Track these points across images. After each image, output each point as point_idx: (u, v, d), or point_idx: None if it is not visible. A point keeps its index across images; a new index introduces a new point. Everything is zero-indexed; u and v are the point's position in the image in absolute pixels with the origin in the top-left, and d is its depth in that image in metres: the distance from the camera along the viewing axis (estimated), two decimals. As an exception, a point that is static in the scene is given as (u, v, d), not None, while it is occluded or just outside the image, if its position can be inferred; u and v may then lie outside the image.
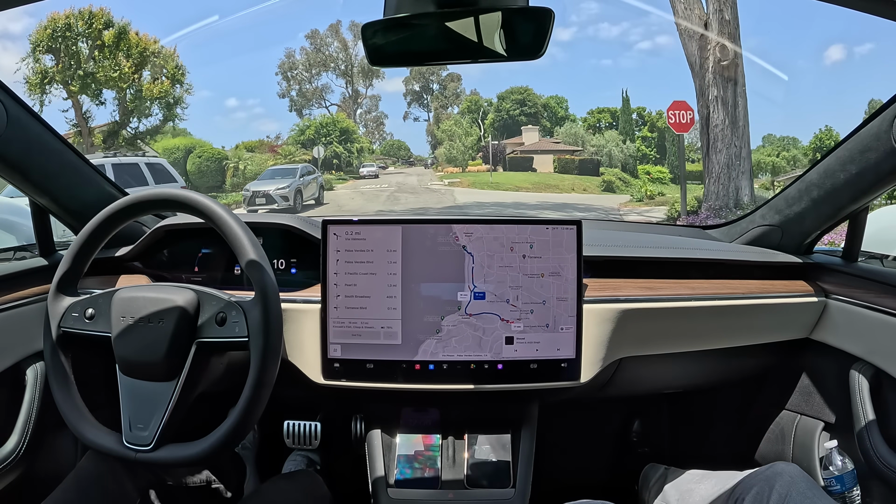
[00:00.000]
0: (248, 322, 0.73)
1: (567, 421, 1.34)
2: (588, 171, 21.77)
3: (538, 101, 26.77)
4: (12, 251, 1.05)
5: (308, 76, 28.06)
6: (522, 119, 26.00)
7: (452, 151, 24.67)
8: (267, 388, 0.72)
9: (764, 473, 0.76)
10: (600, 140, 23.62)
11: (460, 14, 0.60)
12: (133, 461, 0.71)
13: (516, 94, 26.76)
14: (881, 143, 0.80)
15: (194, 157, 18.55)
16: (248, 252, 0.74)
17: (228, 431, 0.71)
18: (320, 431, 1.03)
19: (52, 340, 0.76)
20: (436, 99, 30.25)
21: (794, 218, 1.03)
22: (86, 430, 0.74)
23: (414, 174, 24.35)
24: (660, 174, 21.73)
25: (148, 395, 0.72)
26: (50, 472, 0.92)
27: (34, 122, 0.89)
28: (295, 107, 28.30)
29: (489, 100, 27.92)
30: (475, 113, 26.96)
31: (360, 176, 23.01)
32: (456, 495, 0.89)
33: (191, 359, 0.73)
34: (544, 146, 23.88)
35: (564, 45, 34.84)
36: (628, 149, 23.32)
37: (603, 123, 26.00)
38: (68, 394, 0.76)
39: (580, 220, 0.90)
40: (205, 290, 0.77)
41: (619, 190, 19.19)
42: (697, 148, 24.93)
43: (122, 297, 0.75)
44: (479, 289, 0.88)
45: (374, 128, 29.94)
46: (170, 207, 0.79)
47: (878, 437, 0.87)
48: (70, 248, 0.80)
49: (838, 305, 0.97)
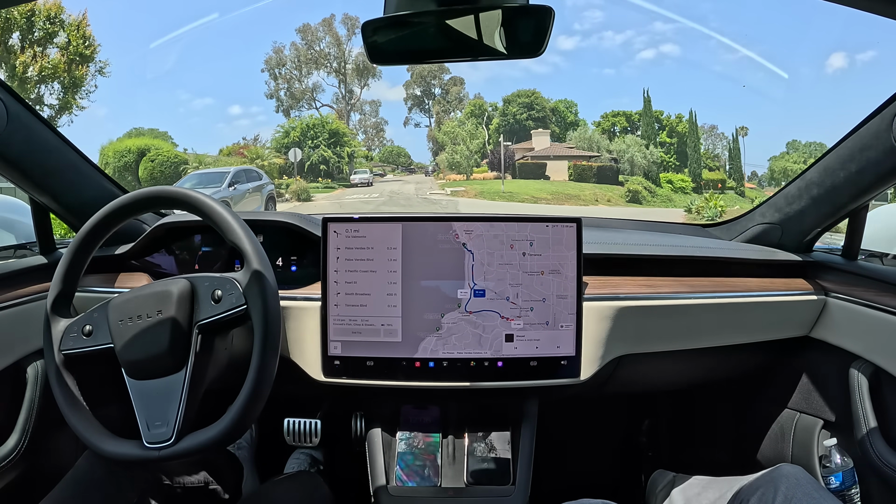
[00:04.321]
0: (244, 289, 0.73)
1: (567, 419, 1.35)
2: (607, 179, 20.34)
3: (546, 105, 25.62)
4: (12, 249, 1.05)
5: (297, 74, 26.40)
6: (530, 123, 24.79)
7: (455, 156, 23.04)
8: (274, 352, 0.72)
9: (768, 476, 0.76)
10: (620, 145, 21.99)
11: (460, 12, 0.60)
12: (157, 460, 0.70)
13: (523, 98, 25.65)
14: (881, 142, 0.80)
15: (147, 161, 16.32)
16: (248, 250, 0.74)
17: (244, 403, 0.70)
18: (320, 429, 1.03)
19: (55, 366, 0.76)
20: (437, 103, 29.14)
21: (794, 216, 1.03)
22: (106, 444, 0.73)
23: (413, 182, 22.83)
24: (682, 183, 20.54)
25: (160, 392, 0.72)
26: (50, 470, 0.92)
27: (34, 119, 0.89)
28: (282, 107, 26.59)
29: (494, 104, 26.76)
30: (479, 117, 25.69)
31: (351, 184, 21.24)
32: (456, 493, 0.89)
33: (195, 345, 0.73)
34: (557, 151, 22.09)
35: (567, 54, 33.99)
36: (652, 154, 21.62)
37: (618, 128, 24.71)
38: (82, 415, 0.75)
39: (580, 217, 0.90)
40: (195, 275, 0.77)
41: (645, 201, 17.85)
42: (714, 155, 24.46)
43: (117, 303, 0.75)
44: (479, 286, 0.88)
45: (373, 134, 28.83)
46: (169, 205, 0.79)
47: (877, 435, 0.87)
48: (60, 266, 0.79)
49: (838, 303, 0.97)
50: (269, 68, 26.59)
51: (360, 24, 0.65)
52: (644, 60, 35.52)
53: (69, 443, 0.99)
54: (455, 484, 0.90)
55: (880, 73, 29.54)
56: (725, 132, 25.55)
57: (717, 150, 25.05)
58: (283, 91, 26.43)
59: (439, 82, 29.15)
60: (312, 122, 23.23)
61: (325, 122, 23.32)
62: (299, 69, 26.48)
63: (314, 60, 26.34)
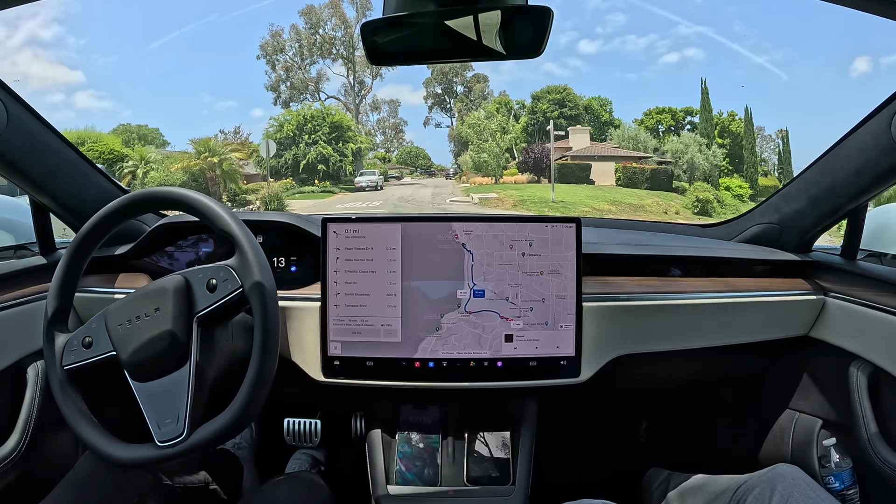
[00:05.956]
0: (238, 273, 0.73)
1: (567, 419, 1.35)
2: (661, 185, 17.09)
3: (579, 102, 23.22)
4: (12, 249, 1.05)
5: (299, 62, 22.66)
6: (562, 122, 21.80)
7: (482, 155, 18.89)
8: (275, 327, 0.72)
9: (766, 475, 0.76)
10: (676, 145, 18.49)
11: (460, 13, 0.60)
12: (172, 458, 0.70)
13: (554, 94, 23.20)
14: (880, 141, 0.80)
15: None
16: (237, 234, 0.74)
17: (251, 387, 0.70)
18: (320, 429, 1.03)
19: (58, 382, 0.76)
20: (460, 101, 26.62)
21: (793, 216, 1.03)
22: (120, 452, 0.73)
23: (431, 186, 19.87)
24: (740, 189, 18.13)
25: (166, 391, 0.72)
26: (50, 471, 0.92)
27: (34, 120, 0.89)
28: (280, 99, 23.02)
29: (521, 101, 24.16)
30: (506, 115, 22.48)
31: (356, 187, 18.14)
32: (456, 493, 0.89)
33: (196, 338, 0.73)
34: (601, 151, 18.57)
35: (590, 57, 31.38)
36: (715, 155, 18.21)
37: (662, 126, 21.94)
38: (91, 427, 0.75)
39: (579, 217, 0.90)
40: (188, 269, 0.77)
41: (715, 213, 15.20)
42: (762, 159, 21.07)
43: (114, 309, 0.76)
44: (478, 286, 0.88)
45: (392, 135, 26.50)
46: (168, 206, 0.79)
47: (876, 435, 0.87)
48: (55, 280, 0.79)
49: (837, 303, 0.97)
50: (266, 55, 23.20)
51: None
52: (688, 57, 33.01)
53: (69, 443, 1.00)
54: (455, 484, 0.90)
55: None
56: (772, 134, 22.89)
57: (765, 153, 22.29)
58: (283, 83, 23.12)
59: (461, 79, 26.76)
60: (311, 114, 19.74)
61: (325, 114, 19.84)
62: (301, 55, 23.18)
63: (318, 46, 22.92)
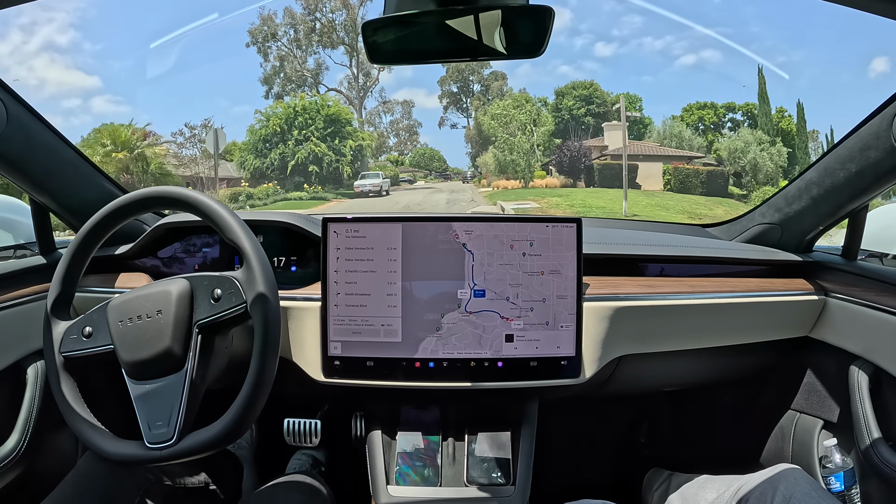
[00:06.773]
0: (243, 288, 0.73)
1: (568, 420, 1.35)
2: (717, 189, 15.05)
3: (607, 99, 20.82)
4: (12, 249, 1.05)
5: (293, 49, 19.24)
6: (589, 120, 19.86)
7: (509, 154, 15.84)
8: (274, 351, 0.72)
9: (767, 475, 0.76)
10: (734, 142, 15.98)
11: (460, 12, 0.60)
12: (158, 460, 0.70)
13: (580, 90, 20.69)
14: (881, 142, 0.80)
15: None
16: (247, 249, 0.74)
17: (244, 403, 0.70)
18: (320, 429, 1.03)
19: (55, 369, 0.76)
20: (477, 99, 24.47)
21: (794, 216, 1.03)
22: (107, 445, 0.73)
23: (446, 191, 17.31)
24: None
25: (161, 393, 0.72)
26: (50, 471, 0.92)
27: (34, 120, 0.89)
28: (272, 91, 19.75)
29: (543, 98, 21.37)
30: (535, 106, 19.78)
31: (355, 192, 15.71)
32: (456, 493, 0.89)
33: (195, 345, 0.73)
34: (646, 150, 16.25)
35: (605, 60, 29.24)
36: (780, 155, 15.44)
37: (705, 123, 19.34)
38: (82, 417, 0.75)
39: (580, 217, 0.90)
40: (195, 275, 0.77)
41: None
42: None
43: (116, 304, 0.75)
44: (479, 286, 0.88)
45: (406, 137, 24.57)
46: (168, 205, 0.79)
47: (877, 435, 0.87)
48: (59, 268, 0.79)
49: (838, 304, 0.97)
50: (256, 42, 19.82)
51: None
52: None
53: (69, 443, 0.99)
54: (455, 484, 0.90)
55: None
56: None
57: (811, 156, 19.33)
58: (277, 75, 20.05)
59: (478, 77, 24.59)
60: (302, 105, 16.76)
61: (320, 106, 16.87)
62: (297, 42, 19.75)
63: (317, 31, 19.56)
